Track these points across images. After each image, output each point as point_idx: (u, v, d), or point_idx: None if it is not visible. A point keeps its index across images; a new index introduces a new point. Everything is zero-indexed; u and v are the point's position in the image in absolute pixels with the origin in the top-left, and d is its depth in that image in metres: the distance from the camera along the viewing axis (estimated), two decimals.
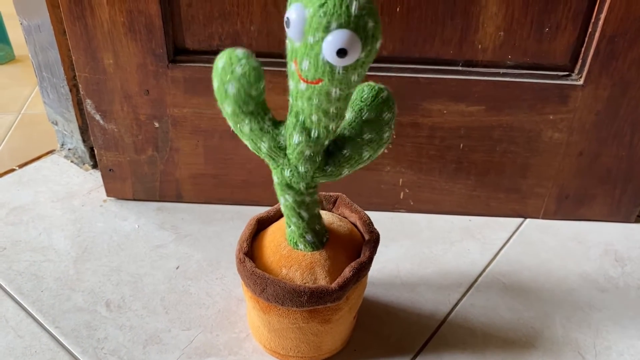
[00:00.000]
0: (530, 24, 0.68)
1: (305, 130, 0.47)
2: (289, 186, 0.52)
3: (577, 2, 0.66)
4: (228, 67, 0.46)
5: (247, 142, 0.50)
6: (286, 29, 0.41)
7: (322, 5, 0.38)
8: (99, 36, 0.70)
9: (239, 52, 0.46)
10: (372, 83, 0.49)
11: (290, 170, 0.50)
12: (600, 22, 0.66)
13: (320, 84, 0.43)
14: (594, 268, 0.76)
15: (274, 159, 0.50)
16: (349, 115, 0.50)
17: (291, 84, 0.45)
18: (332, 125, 0.47)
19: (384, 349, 0.64)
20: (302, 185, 0.51)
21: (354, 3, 0.38)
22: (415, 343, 0.65)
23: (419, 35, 0.69)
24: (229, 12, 0.68)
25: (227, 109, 0.48)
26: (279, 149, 0.49)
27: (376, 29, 0.40)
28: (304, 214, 0.54)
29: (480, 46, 0.70)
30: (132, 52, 0.71)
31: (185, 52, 0.72)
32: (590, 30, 0.68)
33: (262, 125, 0.49)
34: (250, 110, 0.48)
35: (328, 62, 0.41)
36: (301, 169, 0.50)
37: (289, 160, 0.50)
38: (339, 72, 0.41)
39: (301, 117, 0.47)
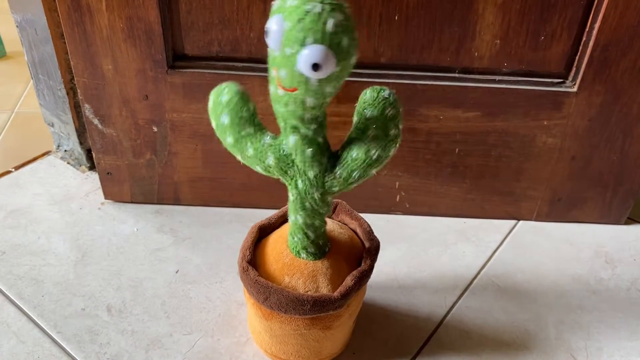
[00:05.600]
0: (526, 32, 0.69)
1: (295, 129, 0.49)
2: (302, 206, 0.53)
3: (572, 12, 0.67)
4: (216, 101, 0.50)
5: (257, 168, 0.52)
6: (266, 39, 0.43)
7: (300, 20, 0.40)
8: (98, 42, 0.70)
9: (222, 84, 0.50)
10: (374, 86, 0.50)
11: (302, 180, 0.51)
12: (595, 31, 0.67)
13: (295, 92, 0.44)
14: (586, 270, 0.78)
15: (285, 171, 0.51)
16: (355, 118, 0.51)
17: (271, 88, 0.47)
18: (311, 127, 0.48)
19: (382, 352, 0.66)
20: (316, 196, 0.52)
21: (330, 20, 0.40)
22: (412, 346, 0.67)
23: (416, 42, 0.70)
24: (228, 19, 0.69)
25: (229, 140, 0.51)
26: (286, 156, 0.51)
27: (351, 46, 0.41)
28: (310, 235, 0.55)
29: (476, 54, 0.71)
30: (132, 58, 0.71)
31: (185, 58, 0.72)
32: (584, 39, 0.69)
33: (263, 142, 0.51)
34: (249, 132, 0.51)
35: (303, 74, 0.42)
36: (310, 173, 0.51)
37: (297, 167, 0.51)
38: (313, 84, 0.43)
39: (286, 121, 0.49)
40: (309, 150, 0.49)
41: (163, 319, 0.68)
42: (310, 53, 0.40)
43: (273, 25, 0.41)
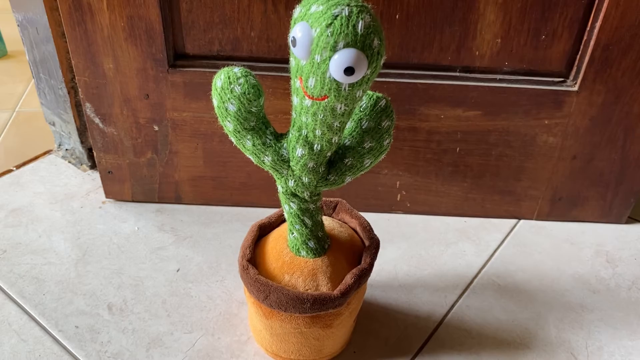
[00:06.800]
0: (527, 31, 0.69)
1: (308, 144, 0.48)
2: (293, 194, 0.53)
3: (573, 11, 0.67)
4: (227, 87, 0.46)
5: (250, 157, 0.51)
6: (291, 48, 0.42)
7: (329, 25, 0.39)
8: (99, 41, 0.70)
9: (237, 70, 0.47)
10: (370, 92, 0.50)
11: (295, 181, 0.51)
12: (596, 31, 0.67)
13: (325, 100, 0.43)
14: (586, 269, 0.78)
15: (278, 171, 0.51)
16: (349, 124, 0.51)
17: (295, 99, 0.46)
18: (335, 139, 0.48)
19: (382, 351, 0.66)
20: (306, 194, 0.53)
21: (360, 22, 0.39)
22: (413, 345, 0.67)
23: (417, 41, 0.70)
24: (229, 18, 0.69)
25: (228, 126, 0.49)
26: (283, 161, 0.50)
27: (381, 46, 0.41)
28: (308, 221, 0.55)
29: (477, 53, 0.71)
30: (132, 57, 0.71)
31: (185, 57, 0.72)
32: (585, 38, 0.69)
33: (264, 139, 0.50)
34: (252, 126, 0.49)
35: (335, 80, 0.41)
36: (305, 179, 0.51)
37: (292, 171, 0.51)
38: (345, 89, 0.42)
39: (304, 132, 0.48)
40: (312, 164, 0.49)
41: (164, 317, 0.68)
42: (342, 57, 0.39)
43: (298, 33, 0.40)
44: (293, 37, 0.41)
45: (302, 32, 0.40)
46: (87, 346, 0.64)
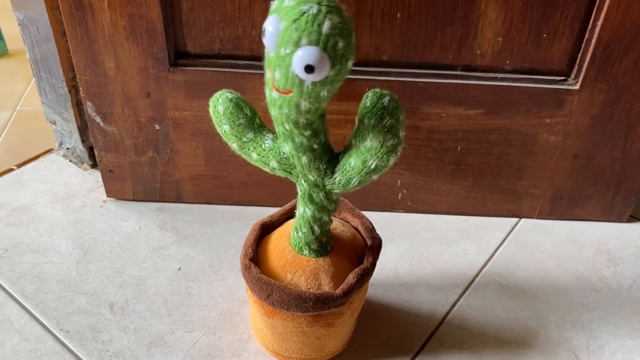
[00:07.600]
0: (528, 30, 0.69)
1: (290, 139, 0.48)
2: (311, 199, 0.53)
3: (574, 9, 0.67)
4: (214, 111, 0.52)
5: (265, 169, 0.53)
6: (262, 38, 0.42)
7: (295, 21, 0.39)
8: (100, 40, 0.70)
9: (216, 94, 0.51)
10: (377, 90, 0.49)
11: (306, 180, 0.52)
12: (597, 29, 0.67)
13: (290, 94, 0.44)
14: (587, 268, 0.78)
15: (289, 172, 0.52)
16: (356, 123, 0.50)
17: (267, 91, 0.46)
18: (306, 134, 0.47)
19: (383, 350, 0.66)
20: (321, 195, 0.53)
21: (327, 22, 0.39)
22: (414, 344, 0.67)
23: (418, 40, 0.70)
24: (230, 17, 0.69)
25: (233, 146, 0.52)
26: (286, 159, 0.51)
27: (347, 48, 0.40)
28: (317, 229, 0.55)
29: (478, 51, 0.71)
30: (133, 56, 0.71)
31: (187, 56, 0.72)
32: (587, 36, 0.69)
33: (264, 146, 0.51)
34: (250, 137, 0.51)
35: (297, 76, 0.42)
36: (310, 178, 0.51)
37: (299, 169, 0.51)
38: (307, 87, 0.42)
39: (279, 128, 0.49)
40: (304, 158, 0.49)
41: (165, 316, 0.68)
42: (304, 54, 0.40)
43: (269, 25, 0.41)
44: (264, 27, 0.41)
45: (273, 25, 0.41)
46: (88, 345, 0.64)
